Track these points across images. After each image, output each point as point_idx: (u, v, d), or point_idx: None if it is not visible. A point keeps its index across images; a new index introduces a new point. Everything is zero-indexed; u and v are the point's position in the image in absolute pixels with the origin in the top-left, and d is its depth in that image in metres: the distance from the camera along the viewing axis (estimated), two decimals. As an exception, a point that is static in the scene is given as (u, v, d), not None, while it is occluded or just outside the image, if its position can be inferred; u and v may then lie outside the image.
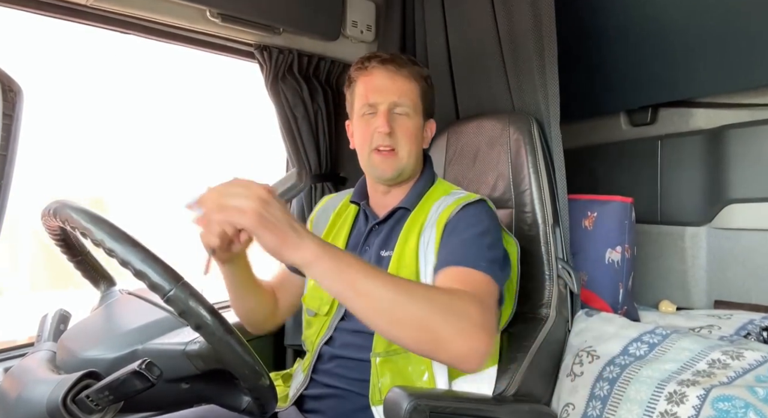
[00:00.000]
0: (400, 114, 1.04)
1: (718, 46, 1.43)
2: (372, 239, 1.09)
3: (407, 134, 1.04)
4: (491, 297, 0.87)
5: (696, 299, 1.57)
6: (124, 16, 1.35)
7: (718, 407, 0.92)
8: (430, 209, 1.05)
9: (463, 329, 0.73)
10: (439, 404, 0.89)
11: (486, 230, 0.97)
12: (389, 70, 1.04)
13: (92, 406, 0.62)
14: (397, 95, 1.04)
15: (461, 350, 0.74)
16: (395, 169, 1.05)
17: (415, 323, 0.72)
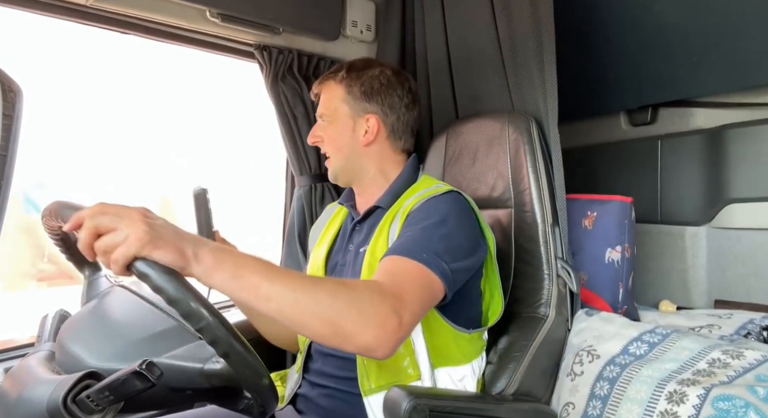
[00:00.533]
0: (322, 123, 1.16)
1: (718, 46, 1.43)
2: (354, 238, 1.14)
3: (329, 140, 1.15)
4: (417, 288, 0.85)
5: (696, 298, 1.57)
6: (124, 16, 1.35)
7: (718, 406, 0.92)
8: (403, 204, 1.08)
9: (365, 321, 0.74)
10: (439, 403, 0.89)
11: (442, 220, 0.96)
12: (315, 88, 1.21)
13: (93, 406, 0.62)
14: (319, 107, 1.17)
15: (366, 341, 0.74)
16: (331, 172, 1.16)
17: (318, 320, 0.72)
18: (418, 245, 0.91)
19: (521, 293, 1.24)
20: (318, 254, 1.19)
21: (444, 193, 1.04)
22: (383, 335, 0.75)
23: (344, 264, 1.12)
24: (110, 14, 1.33)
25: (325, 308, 0.72)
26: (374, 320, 0.75)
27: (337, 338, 0.74)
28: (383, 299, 0.77)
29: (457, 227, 0.98)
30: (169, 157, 2.10)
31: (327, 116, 1.14)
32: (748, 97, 1.48)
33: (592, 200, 1.45)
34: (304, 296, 0.71)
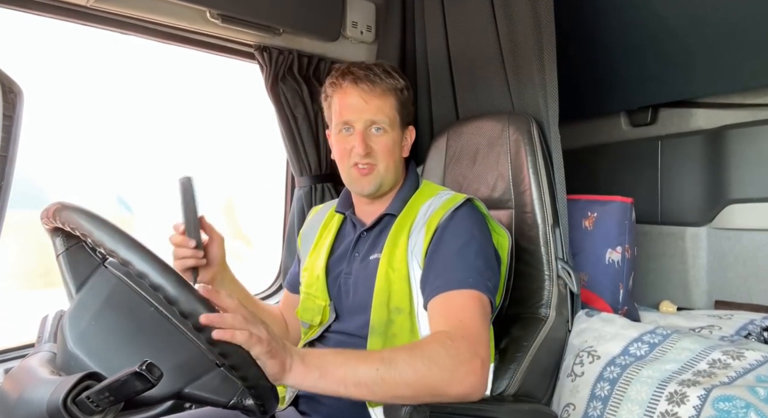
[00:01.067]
0: (377, 131, 1.06)
1: (718, 47, 1.43)
2: (361, 246, 1.11)
3: (385, 151, 1.06)
4: (479, 317, 0.89)
5: (696, 299, 1.57)
6: (124, 17, 1.35)
7: (718, 407, 0.92)
8: (417, 212, 1.07)
9: (452, 376, 0.79)
10: (439, 404, 0.88)
11: (471, 237, 0.99)
12: (363, 90, 1.05)
13: (93, 407, 0.62)
14: (372, 114, 1.05)
15: (460, 390, 0.80)
16: (374, 185, 1.07)
17: (409, 390, 0.78)
18: (462, 271, 0.93)
19: (522, 294, 1.24)
20: (316, 263, 1.16)
21: (464, 205, 1.04)
22: (474, 381, 0.80)
23: (350, 273, 1.10)
24: (110, 15, 1.33)
25: (409, 377, 0.77)
26: (459, 371, 0.80)
27: (433, 398, 0.79)
28: (458, 348, 0.81)
29: (484, 240, 1.01)
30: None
31: (386, 125, 1.06)
32: (748, 97, 1.48)
33: (592, 201, 1.45)
34: (387, 372, 0.76)
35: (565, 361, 1.21)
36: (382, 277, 1.01)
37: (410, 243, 1.03)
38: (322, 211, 1.28)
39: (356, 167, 1.06)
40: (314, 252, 1.19)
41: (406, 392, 0.77)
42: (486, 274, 0.95)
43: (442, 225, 1.01)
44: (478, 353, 0.82)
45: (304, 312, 1.14)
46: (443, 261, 0.96)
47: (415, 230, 1.04)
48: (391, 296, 1.00)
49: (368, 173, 1.06)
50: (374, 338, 1.00)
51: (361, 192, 1.09)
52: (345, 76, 1.07)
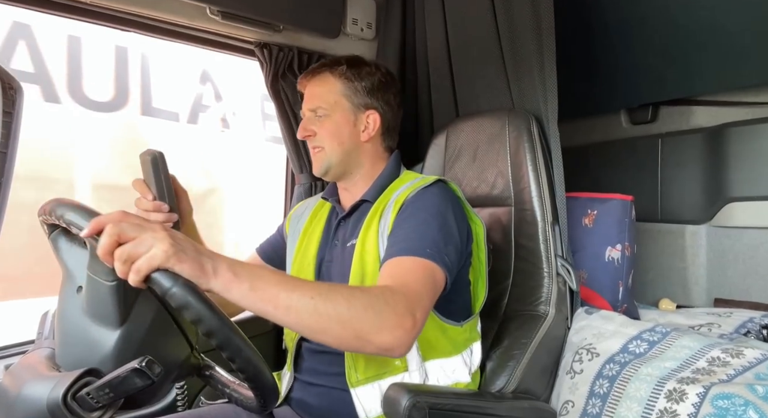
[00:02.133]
0: (320, 117, 1.13)
1: (719, 44, 1.43)
2: (339, 233, 1.14)
3: (328, 133, 1.12)
4: (426, 284, 0.88)
5: (696, 297, 1.57)
6: (124, 14, 1.35)
7: (717, 404, 0.93)
8: (390, 197, 1.09)
9: (382, 323, 0.77)
10: (439, 400, 0.89)
11: (437, 212, 0.99)
12: (305, 80, 1.17)
13: (93, 403, 0.62)
14: (310, 101, 1.14)
15: (385, 341, 0.77)
16: (321, 166, 1.14)
17: (338, 325, 0.74)
18: (420, 240, 0.93)
19: (521, 291, 1.24)
20: (307, 251, 1.18)
21: (432, 184, 1.06)
22: (401, 335, 0.78)
23: (331, 260, 1.12)
24: (111, 11, 1.32)
25: (343, 313, 0.74)
26: (391, 321, 0.77)
27: (357, 341, 0.77)
28: (397, 300, 0.80)
29: (452, 218, 1.00)
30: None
31: (324, 110, 1.13)
32: (748, 95, 1.48)
33: (592, 199, 1.45)
34: (322, 303, 0.73)
35: (564, 358, 1.21)
36: (357, 261, 1.03)
37: (381, 225, 1.04)
38: (311, 200, 1.32)
39: (311, 151, 1.16)
40: (304, 240, 1.20)
41: (334, 328, 0.74)
42: (445, 249, 0.94)
43: (409, 200, 1.03)
44: (413, 311, 0.80)
45: None
46: (404, 231, 0.97)
47: (386, 213, 1.06)
48: (364, 278, 1.02)
49: (317, 154, 1.15)
50: None
51: (315, 173, 1.17)
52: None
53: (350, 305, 0.75)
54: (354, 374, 1.00)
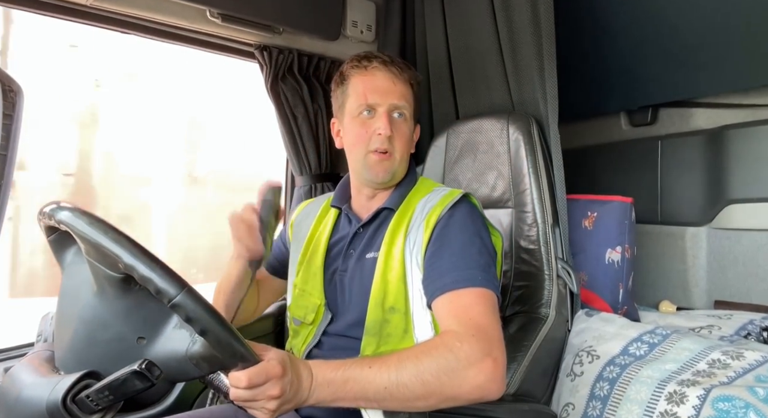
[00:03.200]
0: (398, 117, 1.04)
1: (719, 47, 1.43)
2: (357, 242, 1.07)
3: (403, 138, 1.04)
4: (490, 314, 0.88)
5: (696, 299, 1.57)
6: (125, 16, 1.35)
7: (718, 407, 0.92)
8: (415, 208, 1.04)
9: (463, 378, 0.78)
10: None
11: (474, 232, 0.97)
12: (392, 73, 1.03)
13: (92, 406, 0.62)
14: (397, 98, 1.03)
15: (474, 393, 0.78)
16: (389, 173, 1.04)
17: (422, 401, 0.78)
18: (468, 269, 0.92)
19: (522, 294, 1.24)
20: (313, 259, 1.12)
21: (461, 201, 1.02)
22: (483, 378, 0.78)
23: (345, 270, 1.07)
24: (111, 14, 1.33)
25: (419, 391, 0.77)
26: (469, 372, 0.78)
27: (448, 403, 0.79)
28: (468, 348, 0.80)
29: (486, 236, 0.99)
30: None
31: (407, 112, 1.04)
32: (748, 97, 1.48)
33: (592, 201, 1.45)
34: (397, 390, 0.77)
35: (564, 360, 1.21)
36: (379, 276, 0.99)
37: (408, 240, 1.00)
38: (314, 203, 1.24)
39: (375, 153, 1.02)
40: (309, 247, 1.15)
41: (418, 403, 0.78)
42: (491, 271, 0.94)
43: (442, 222, 0.99)
44: (490, 352, 0.80)
45: (297, 309, 1.11)
46: (447, 259, 0.94)
47: (414, 227, 1.01)
48: (386, 296, 0.98)
49: (385, 160, 1.02)
50: (368, 338, 0.98)
51: (374, 180, 1.04)
52: (371, 59, 1.04)
53: (423, 381, 0.77)
54: None
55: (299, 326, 1.12)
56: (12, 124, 0.78)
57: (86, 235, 0.66)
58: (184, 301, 0.62)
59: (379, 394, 0.76)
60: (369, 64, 1.04)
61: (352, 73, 1.05)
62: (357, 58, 1.06)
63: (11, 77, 0.80)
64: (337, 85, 1.09)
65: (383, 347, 0.97)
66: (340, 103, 1.08)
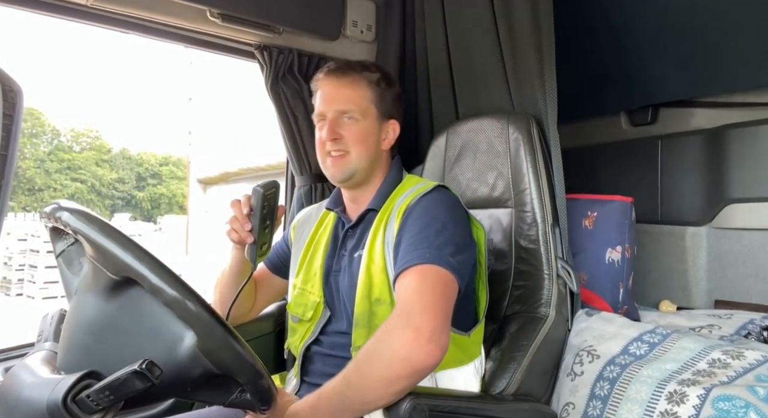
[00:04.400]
0: (348, 120, 1.09)
1: (719, 46, 1.43)
2: (347, 243, 1.13)
3: (356, 138, 1.09)
4: (423, 287, 0.89)
5: (696, 298, 1.57)
6: (125, 16, 1.35)
7: (718, 406, 0.92)
8: (394, 205, 1.08)
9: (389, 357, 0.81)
10: (439, 403, 0.89)
11: (442, 221, 0.99)
12: (333, 80, 1.11)
13: (93, 406, 0.62)
14: (340, 103, 1.09)
15: (406, 366, 0.81)
16: (345, 171, 1.09)
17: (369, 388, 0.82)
18: (418, 249, 0.93)
19: (521, 293, 1.24)
20: (313, 261, 1.17)
21: (432, 190, 1.06)
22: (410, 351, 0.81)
23: (338, 270, 1.12)
24: (111, 14, 1.33)
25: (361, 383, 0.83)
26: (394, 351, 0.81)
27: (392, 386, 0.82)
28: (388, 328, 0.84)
29: (456, 225, 1.01)
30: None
31: (356, 114, 1.10)
32: (748, 97, 1.48)
33: (592, 200, 1.45)
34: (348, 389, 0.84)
35: (564, 360, 1.21)
36: (364, 271, 1.04)
37: (387, 234, 1.04)
38: (316, 208, 1.30)
39: (330, 156, 1.10)
40: (310, 248, 1.20)
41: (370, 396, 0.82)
42: (447, 249, 0.94)
43: (408, 210, 1.03)
44: (408, 323, 0.82)
45: (296, 306, 1.15)
46: (405, 242, 0.97)
47: (390, 221, 1.06)
48: (372, 288, 1.02)
49: (339, 160, 1.09)
50: (359, 331, 1.02)
51: (333, 179, 1.12)
52: (322, 71, 1.14)
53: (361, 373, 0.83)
54: None
55: (297, 324, 1.15)
56: (12, 124, 0.78)
57: (83, 234, 0.66)
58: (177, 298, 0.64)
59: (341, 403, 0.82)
60: (319, 77, 1.14)
61: (314, 89, 1.16)
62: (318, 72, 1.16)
63: (11, 77, 0.80)
64: (313, 101, 1.18)
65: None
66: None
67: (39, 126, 26.47)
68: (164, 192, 29.09)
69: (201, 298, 0.66)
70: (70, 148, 27.78)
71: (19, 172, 24.56)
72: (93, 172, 27.27)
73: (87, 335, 0.71)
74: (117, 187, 28.19)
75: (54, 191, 25.49)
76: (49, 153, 26.52)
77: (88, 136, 28.85)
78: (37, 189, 25.34)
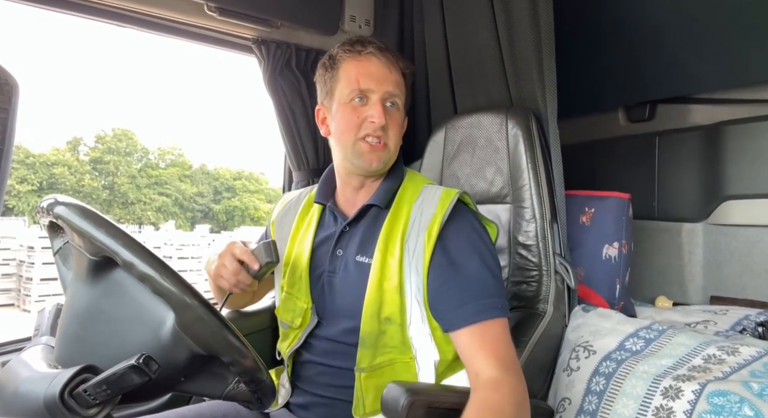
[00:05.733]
0: (391, 106, 0.99)
1: (716, 42, 1.43)
2: (345, 242, 1.02)
3: (397, 128, 1.00)
4: (511, 343, 0.90)
5: (692, 294, 1.58)
6: (122, 10, 1.34)
7: (713, 401, 0.93)
8: (411, 211, 0.98)
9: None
10: (437, 399, 0.89)
11: (484, 250, 0.95)
12: (387, 60, 0.98)
13: (90, 400, 0.62)
14: (392, 85, 0.98)
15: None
16: (382, 161, 0.99)
17: None
18: (489, 297, 0.91)
19: (519, 289, 1.25)
20: (299, 260, 1.07)
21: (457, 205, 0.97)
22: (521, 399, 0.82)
23: (333, 271, 1.02)
24: (108, 7, 1.32)
25: None
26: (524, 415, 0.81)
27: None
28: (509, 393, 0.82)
29: (491, 247, 0.98)
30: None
31: (399, 101, 1.00)
32: (746, 93, 1.48)
33: (589, 197, 1.45)
34: None
35: (561, 356, 1.22)
36: (375, 286, 0.94)
37: (407, 249, 0.94)
38: (295, 199, 1.17)
39: (365, 141, 0.97)
40: (293, 246, 1.09)
41: None
42: (503, 292, 0.93)
43: (446, 234, 0.95)
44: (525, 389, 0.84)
45: (285, 312, 1.07)
46: (466, 285, 0.91)
47: (412, 234, 0.96)
48: (382, 307, 0.94)
49: (378, 149, 0.97)
50: (364, 351, 0.95)
51: (368, 168, 0.98)
52: (366, 44, 0.99)
53: None
54: (361, 406, 0.95)
55: (288, 330, 1.08)
56: (8, 117, 0.78)
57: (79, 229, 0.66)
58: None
59: None
60: (363, 50, 0.98)
61: (344, 58, 0.99)
62: (349, 42, 1.00)
63: (7, 72, 0.79)
64: (325, 70, 1.02)
65: (380, 358, 0.95)
66: (329, 88, 1.02)
67: (132, 145, 28.56)
68: (238, 205, 30.72)
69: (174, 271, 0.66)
70: (157, 165, 29.72)
71: (115, 188, 26.47)
72: (177, 186, 28.98)
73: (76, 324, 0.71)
74: (197, 200, 29.97)
75: (144, 205, 27.24)
76: (140, 170, 28.53)
77: (172, 154, 30.78)
78: (130, 203, 27.14)
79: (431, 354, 0.93)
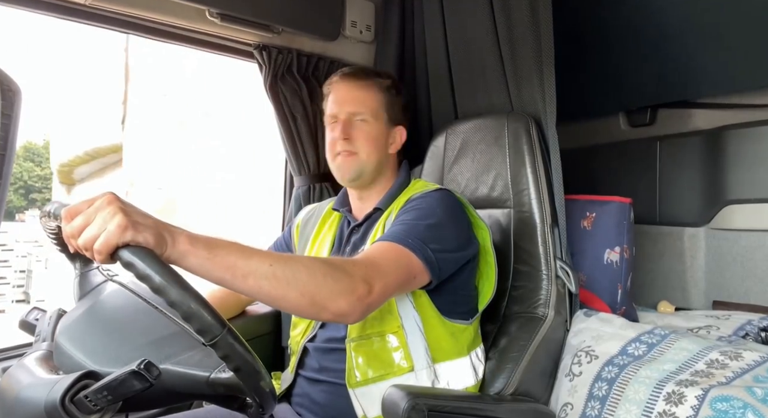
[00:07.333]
0: (359, 121, 1.14)
1: (718, 47, 1.43)
2: (351, 240, 1.17)
3: (366, 139, 1.13)
4: (394, 264, 0.89)
5: (694, 299, 1.57)
6: (123, 16, 1.35)
7: (716, 407, 0.93)
8: (400, 205, 1.11)
9: (339, 289, 0.78)
10: (438, 403, 0.89)
11: (431, 212, 1.01)
12: (348, 83, 1.16)
13: (91, 406, 0.62)
14: (354, 105, 1.14)
15: (339, 307, 0.79)
16: (354, 171, 1.13)
17: (296, 291, 0.75)
18: (404, 232, 0.96)
19: (520, 294, 1.24)
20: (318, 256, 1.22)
21: (434, 191, 1.09)
22: (354, 301, 0.80)
23: None
24: (110, 14, 1.32)
25: (302, 279, 0.76)
26: (346, 286, 0.79)
27: (314, 307, 0.78)
28: (356, 270, 0.82)
29: (446, 220, 1.02)
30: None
31: (367, 116, 1.14)
32: (746, 98, 1.48)
33: (591, 201, 1.45)
34: (281, 269, 0.74)
35: (563, 360, 1.21)
36: None
37: (386, 229, 1.06)
38: (321, 206, 1.33)
39: (339, 156, 1.14)
40: (313, 245, 1.24)
41: (292, 294, 0.75)
42: (430, 246, 0.95)
43: (410, 201, 1.07)
44: (369, 280, 0.82)
45: None
46: (395, 226, 1.00)
47: (391, 217, 1.09)
48: None
49: (348, 158, 1.13)
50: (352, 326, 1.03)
51: (343, 178, 1.15)
52: (336, 75, 1.19)
53: (309, 272, 0.77)
54: (353, 375, 1.01)
55: (298, 318, 1.18)
56: (10, 123, 0.78)
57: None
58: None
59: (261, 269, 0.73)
60: (333, 80, 1.18)
61: (326, 92, 1.20)
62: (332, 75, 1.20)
63: (10, 77, 0.80)
64: (323, 104, 1.21)
65: (369, 330, 1.02)
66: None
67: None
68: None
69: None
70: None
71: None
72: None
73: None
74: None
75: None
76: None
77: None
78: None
79: (414, 317, 1.01)
